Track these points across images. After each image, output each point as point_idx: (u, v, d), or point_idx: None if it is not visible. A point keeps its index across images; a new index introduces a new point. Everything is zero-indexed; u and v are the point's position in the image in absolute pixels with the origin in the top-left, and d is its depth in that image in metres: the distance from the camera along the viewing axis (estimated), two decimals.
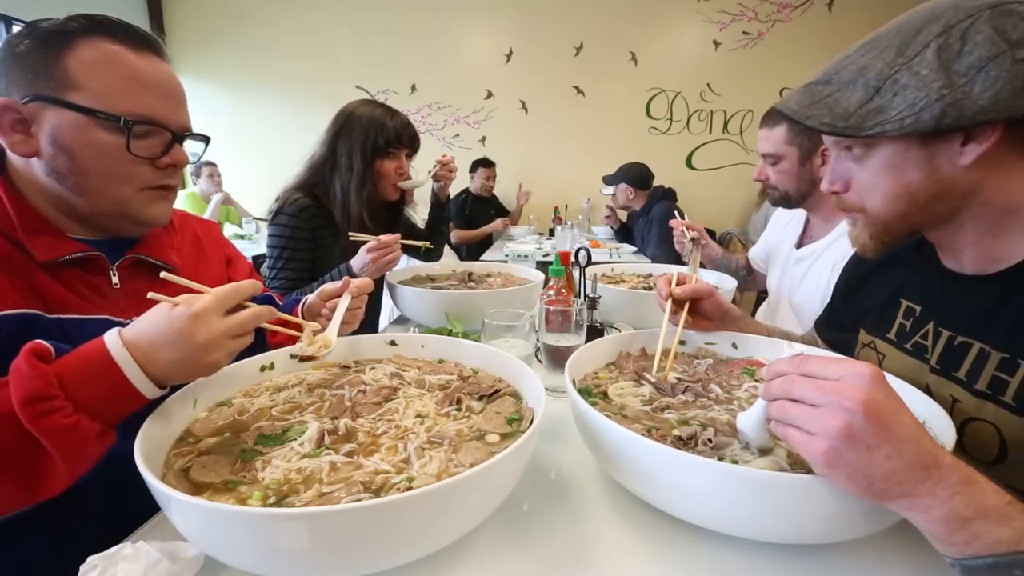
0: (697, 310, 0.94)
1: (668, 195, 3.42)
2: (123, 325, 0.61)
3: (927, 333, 0.73)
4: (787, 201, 1.48)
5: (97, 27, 0.71)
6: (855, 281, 0.94)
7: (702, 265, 1.70)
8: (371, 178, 1.50)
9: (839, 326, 0.98)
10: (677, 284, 0.92)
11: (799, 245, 1.53)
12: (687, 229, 1.63)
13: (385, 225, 1.69)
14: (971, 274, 0.69)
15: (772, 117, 1.43)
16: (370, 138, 1.48)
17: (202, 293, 0.61)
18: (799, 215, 1.58)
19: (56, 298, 0.71)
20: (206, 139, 0.86)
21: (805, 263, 1.46)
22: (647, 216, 3.27)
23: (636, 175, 3.44)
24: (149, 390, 0.58)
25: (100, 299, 0.76)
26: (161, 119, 0.75)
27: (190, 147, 0.83)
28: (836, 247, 1.37)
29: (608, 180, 3.58)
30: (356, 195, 1.48)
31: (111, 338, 0.57)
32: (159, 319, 0.58)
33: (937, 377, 0.69)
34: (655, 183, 3.49)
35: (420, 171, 1.70)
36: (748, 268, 1.85)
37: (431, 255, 1.88)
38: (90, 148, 0.71)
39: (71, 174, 0.72)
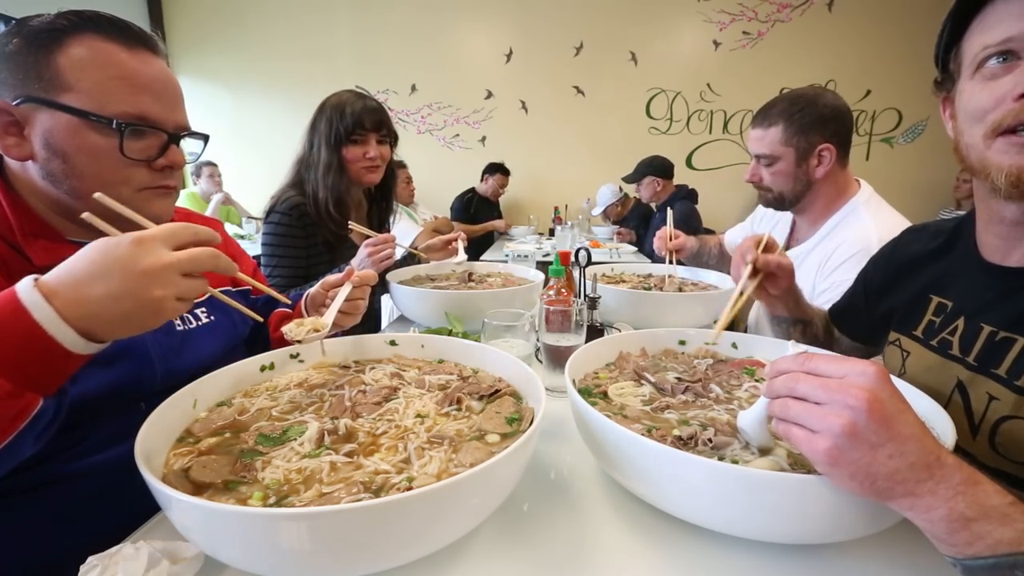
0: (767, 281, 0.91)
1: (691, 195, 3.45)
2: None
3: (956, 329, 0.71)
4: (780, 203, 1.43)
5: (87, 24, 0.69)
6: (885, 276, 0.92)
7: (680, 262, 1.72)
8: (337, 165, 1.50)
9: (865, 320, 0.96)
10: (765, 250, 0.87)
11: (786, 248, 1.53)
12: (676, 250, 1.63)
13: (377, 220, 1.70)
14: (1015, 266, 0.67)
15: (768, 116, 1.36)
16: (333, 126, 1.48)
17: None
18: (786, 218, 1.57)
19: None
20: (205, 137, 0.85)
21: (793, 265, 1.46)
22: (665, 213, 3.29)
23: (659, 166, 3.49)
24: (70, 339, 0.49)
25: None
26: (155, 119, 0.73)
27: (188, 146, 0.80)
28: (821, 248, 1.36)
29: (630, 178, 3.61)
30: (323, 183, 1.48)
31: (23, 281, 0.50)
32: (92, 251, 0.51)
33: (973, 374, 0.67)
34: (679, 183, 3.55)
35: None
36: (720, 251, 1.86)
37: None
38: (84, 151, 0.69)
39: (66, 177, 0.70)
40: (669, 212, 1.77)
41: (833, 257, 1.30)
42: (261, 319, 0.77)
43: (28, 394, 0.50)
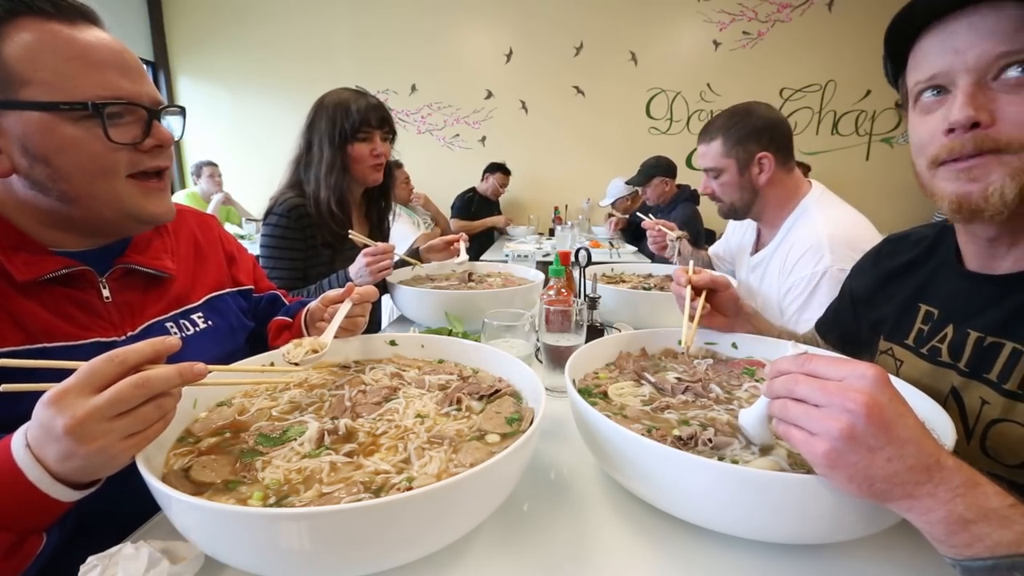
0: (713, 304, 0.94)
1: (693, 197, 3.45)
2: (114, 345, 0.56)
3: (945, 336, 0.72)
4: (735, 212, 1.52)
5: (20, 6, 0.61)
6: (870, 286, 0.92)
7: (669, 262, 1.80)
8: (341, 164, 1.48)
9: (854, 331, 0.96)
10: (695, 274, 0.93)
11: (754, 252, 1.60)
12: (667, 229, 1.76)
13: (376, 219, 1.70)
14: (1000, 274, 0.67)
15: (708, 132, 1.48)
16: (337, 124, 1.46)
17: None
18: (752, 226, 1.65)
19: (39, 324, 0.65)
20: (182, 110, 0.78)
21: (760, 268, 1.52)
22: (669, 215, 3.29)
23: (665, 165, 3.51)
24: (63, 493, 0.49)
25: (90, 317, 0.70)
26: (129, 95, 0.66)
27: (166, 123, 0.73)
28: (781, 250, 1.42)
29: (635, 181, 3.61)
30: (325, 182, 1.47)
31: (17, 439, 0.49)
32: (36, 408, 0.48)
33: (965, 379, 0.68)
34: (681, 183, 3.56)
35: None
36: (709, 264, 1.94)
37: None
38: (64, 148, 0.63)
39: (54, 182, 0.64)
40: (650, 216, 1.89)
41: (789, 257, 1.36)
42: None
43: (31, 538, 0.51)
